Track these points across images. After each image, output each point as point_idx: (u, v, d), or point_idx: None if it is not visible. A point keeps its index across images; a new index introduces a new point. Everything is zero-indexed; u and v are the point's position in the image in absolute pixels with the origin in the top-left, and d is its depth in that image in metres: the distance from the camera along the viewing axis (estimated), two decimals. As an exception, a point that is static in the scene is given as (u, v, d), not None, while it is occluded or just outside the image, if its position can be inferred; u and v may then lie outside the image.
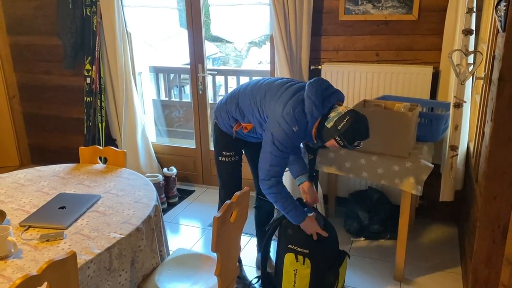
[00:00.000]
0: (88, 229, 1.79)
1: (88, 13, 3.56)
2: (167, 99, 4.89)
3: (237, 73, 5.00)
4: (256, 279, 2.57)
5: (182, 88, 5.43)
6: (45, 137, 4.41)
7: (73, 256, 1.45)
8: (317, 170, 2.67)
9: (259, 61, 9.18)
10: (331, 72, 3.08)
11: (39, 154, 4.51)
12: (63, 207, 1.93)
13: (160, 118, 4.63)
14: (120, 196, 2.06)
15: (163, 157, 3.99)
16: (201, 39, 3.55)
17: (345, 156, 2.51)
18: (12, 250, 1.60)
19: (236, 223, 1.74)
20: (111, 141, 3.93)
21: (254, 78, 2.41)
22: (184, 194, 3.78)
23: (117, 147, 3.94)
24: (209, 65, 3.66)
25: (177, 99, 5.05)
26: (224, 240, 1.65)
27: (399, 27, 2.96)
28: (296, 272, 2.28)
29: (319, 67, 3.15)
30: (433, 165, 2.44)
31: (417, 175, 2.37)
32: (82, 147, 2.51)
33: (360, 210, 3.05)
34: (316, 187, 2.69)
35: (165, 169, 3.68)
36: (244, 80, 4.91)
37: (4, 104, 4.29)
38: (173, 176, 3.63)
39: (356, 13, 3.01)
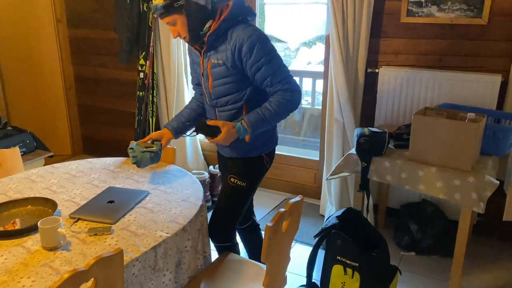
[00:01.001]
0: (135, 226, 1.77)
1: (145, 9, 3.59)
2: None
3: (302, 74, 4.87)
4: (301, 287, 2.49)
5: None
6: (97, 128, 4.52)
7: (120, 253, 1.43)
8: (368, 179, 2.54)
9: (308, 61, 9.07)
10: (389, 77, 2.93)
11: (90, 145, 4.63)
12: (111, 201, 1.92)
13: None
14: (168, 194, 2.03)
15: (210, 155, 3.98)
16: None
17: (401, 166, 2.38)
18: (62, 242, 1.60)
19: (288, 233, 1.67)
20: (160, 136, 3.96)
21: (304, 78, 2.36)
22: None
23: (165, 142, 3.96)
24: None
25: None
26: (274, 250, 1.58)
27: (466, 32, 2.78)
28: (343, 285, 2.18)
29: (377, 70, 3.01)
30: (498, 182, 2.26)
31: (480, 191, 2.20)
32: (132, 142, 2.51)
33: (412, 224, 2.89)
34: (368, 197, 2.57)
35: (211, 167, 3.66)
36: (307, 81, 4.79)
37: (61, 95, 4.43)
38: (219, 174, 3.60)
39: (419, 15, 2.85)
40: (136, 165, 2.13)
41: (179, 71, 3.66)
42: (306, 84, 4.74)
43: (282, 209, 1.59)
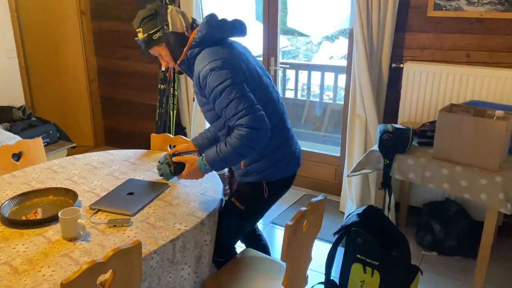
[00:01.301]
0: (154, 218, 1.76)
1: (168, 2, 3.59)
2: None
3: (309, 67, 4.85)
4: (319, 284, 2.46)
5: None
6: (118, 120, 4.56)
7: (138, 245, 1.43)
8: (390, 176, 2.49)
9: (330, 55, 8.94)
10: (414, 72, 2.86)
11: (112, 136, 4.67)
12: (131, 193, 1.93)
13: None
14: (187, 187, 2.03)
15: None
16: (276, 31, 3.46)
17: (425, 164, 2.32)
18: (81, 232, 1.61)
19: (309, 232, 1.64)
20: (181, 129, 3.97)
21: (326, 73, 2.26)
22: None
23: (186, 135, 3.97)
24: (279, 58, 3.56)
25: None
26: (294, 249, 1.55)
27: (496, 26, 2.68)
28: (363, 283, 2.14)
29: (401, 65, 2.94)
30: (527, 182, 2.18)
31: (507, 191, 2.13)
32: (153, 134, 2.52)
33: (435, 223, 2.82)
34: (390, 195, 2.52)
35: (231, 161, 3.64)
36: (315, 75, 4.75)
37: (84, 86, 4.48)
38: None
39: (447, 9, 2.77)
40: (164, 179, 2.10)
41: (200, 65, 3.65)
42: (328, 79, 4.68)
43: (304, 208, 1.56)
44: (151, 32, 1.77)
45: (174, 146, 2.49)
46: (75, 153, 4.25)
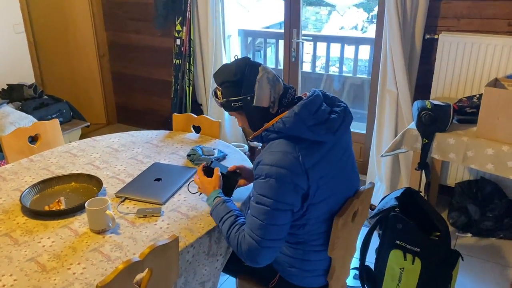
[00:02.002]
0: (186, 207, 1.64)
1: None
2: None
3: (328, 39, 4.62)
4: (353, 270, 2.35)
5: (258, 52, 5.17)
6: (131, 97, 4.41)
7: (175, 240, 1.31)
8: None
9: (340, 26, 8.63)
10: (450, 43, 2.67)
11: (125, 114, 4.53)
12: (159, 179, 1.80)
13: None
14: (217, 172, 1.89)
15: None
16: (299, 1, 3.26)
17: (468, 143, 2.16)
18: (110, 224, 1.50)
19: (356, 222, 1.51)
20: (197, 106, 3.82)
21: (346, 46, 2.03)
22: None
23: (202, 112, 3.83)
24: (301, 30, 3.36)
25: (271, 66, 4.81)
26: (342, 243, 1.43)
27: (542, -8, 2.48)
28: (402, 271, 2.03)
29: (436, 36, 2.74)
30: None
31: (558, 172, 1.99)
32: (175, 114, 2.38)
33: (470, 203, 2.69)
34: (427, 176, 2.38)
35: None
36: (335, 47, 4.53)
37: (94, 62, 4.32)
38: (258, 147, 3.46)
39: (488, -26, 2.56)
40: (193, 162, 1.97)
41: (217, 38, 3.47)
42: (348, 51, 4.47)
43: (353, 198, 1.43)
44: (231, 99, 1.49)
45: (198, 126, 2.35)
46: (88, 131, 4.15)
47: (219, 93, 1.52)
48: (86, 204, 1.49)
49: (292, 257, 1.54)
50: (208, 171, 1.65)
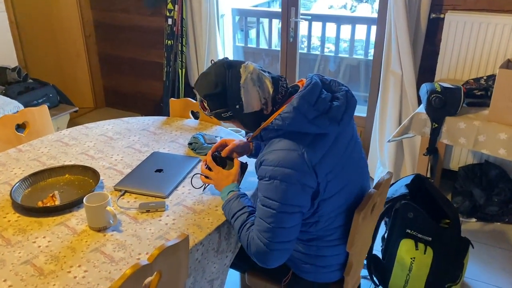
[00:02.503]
0: (192, 200, 1.53)
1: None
2: (254, 46, 4.51)
3: (328, 19, 4.44)
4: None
5: (247, 32, 4.99)
6: (119, 79, 4.23)
7: (185, 240, 1.20)
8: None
9: (329, 5, 8.42)
10: (457, 23, 2.57)
11: (113, 97, 4.36)
12: (160, 170, 1.69)
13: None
14: (220, 161, 1.78)
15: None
16: (297, -22, 3.11)
17: (480, 127, 2.09)
18: (111, 221, 1.38)
19: (373, 215, 1.43)
20: (190, 89, 3.68)
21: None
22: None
23: (195, 95, 3.68)
24: (300, 8, 3.22)
25: (265, 47, 4.63)
26: (360, 237, 1.35)
27: (553, -31, 2.38)
28: (413, 260, 1.96)
29: (441, 15, 2.64)
30: None
31: None
32: (173, 99, 2.24)
33: (475, 188, 2.64)
34: (436, 162, 2.31)
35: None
36: (331, 26, 4.39)
37: (80, 43, 4.11)
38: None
39: (497, -50, 2.44)
40: (195, 151, 1.86)
41: (211, 17, 3.31)
42: (344, 31, 4.35)
43: (373, 190, 1.34)
44: (219, 111, 1.37)
45: (197, 112, 2.23)
46: (76, 116, 3.98)
47: (205, 104, 1.40)
48: (84, 200, 1.37)
49: (305, 253, 1.45)
50: (221, 161, 1.54)
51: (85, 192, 1.55)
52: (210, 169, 1.54)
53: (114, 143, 1.94)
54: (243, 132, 3.35)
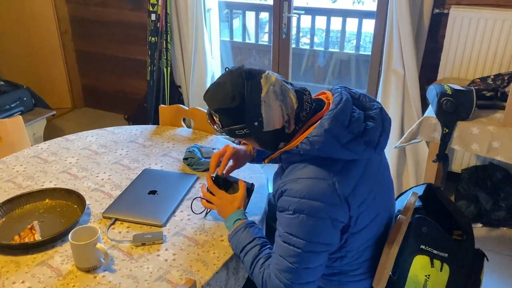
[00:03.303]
0: (192, 229, 1.35)
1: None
2: (240, 40, 4.30)
3: (330, 12, 4.24)
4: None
5: (225, 23, 4.77)
6: (99, 78, 3.98)
7: (193, 286, 1.03)
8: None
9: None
10: (462, 19, 2.43)
11: (92, 97, 4.11)
12: (153, 192, 1.50)
13: (230, 65, 4.10)
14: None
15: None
16: (289, -30, 2.92)
17: (495, 133, 1.96)
18: (103, 260, 1.19)
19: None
20: (174, 88, 3.46)
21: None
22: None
23: (181, 95, 3.48)
24: (293, 2, 3.04)
25: (254, 41, 4.41)
26: (388, 272, 1.21)
27: None
28: (428, 278, 1.83)
29: (445, 11, 2.50)
30: None
31: None
32: (162, 105, 2.04)
33: (480, 192, 2.53)
34: (446, 169, 2.18)
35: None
36: (336, 21, 4.17)
37: (55, 40, 3.84)
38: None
39: None
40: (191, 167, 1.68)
41: (197, 12, 3.10)
42: (334, 23, 4.17)
43: (401, 217, 1.19)
44: (234, 127, 1.17)
45: (190, 120, 2.03)
46: (53, 117, 3.71)
47: (216, 119, 1.19)
48: (70, 237, 1.17)
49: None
50: (224, 183, 1.36)
51: (69, 221, 1.36)
52: (211, 192, 1.36)
53: (99, 159, 1.74)
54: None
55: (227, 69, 1.20)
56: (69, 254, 1.24)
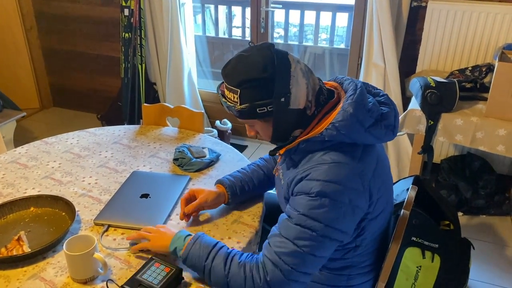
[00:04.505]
0: (190, 231, 1.30)
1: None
2: (214, 35, 4.22)
3: (303, 6, 4.20)
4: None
5: (205, 21, 4.71)
6: (68, 76, 3.83)
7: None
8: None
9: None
10: (440, 12, 2.46)
11: (61, 96, 3.95)
12: (145, 195, 1.44)
13: (206, 60, 4.02)
14: (213, 178, 1.56)
15: (210, 106, 3.45)
16: (266, -37, 2.88)
17: (478, 124, 1.99)
18: (101, 270, 1.13)
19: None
20: (149, 85, 3.37)
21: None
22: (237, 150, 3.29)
23: (156, 92, 3.39)
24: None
25: (227, 36, 4.35)
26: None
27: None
28: (419, 269, 1.85)
29: (423, 4, 2.53)
30: None
31: None
32: (145, 104, 1.97)
33: (459, 181, 2.58)
34: (431, 160, 2.21)
35: (217, 122, 3.16)
36: (309, 14, 4.15)
37: (20, 36, 3.66)
38: (228, 131, 3.13)
39: None
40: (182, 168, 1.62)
41: (172, 7, 3.02)
42: (308, 17, 4.16)
43: (405, 212, 1.19)
44: (258, 103, 1.08)
45: (177, 118, 1.97)
46: (21, 118, 3.54)
47: (234, 96, 1.11)
48: (64, 248, 1.11)
49: (332, 285, 1.28)
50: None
51: (58, 229, 1.29)
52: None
53: (84, 162, 1.66)
54: (215, 131, 3.11)
55: (251, 43, 1.15)
56: (63, 265, 1.17)
